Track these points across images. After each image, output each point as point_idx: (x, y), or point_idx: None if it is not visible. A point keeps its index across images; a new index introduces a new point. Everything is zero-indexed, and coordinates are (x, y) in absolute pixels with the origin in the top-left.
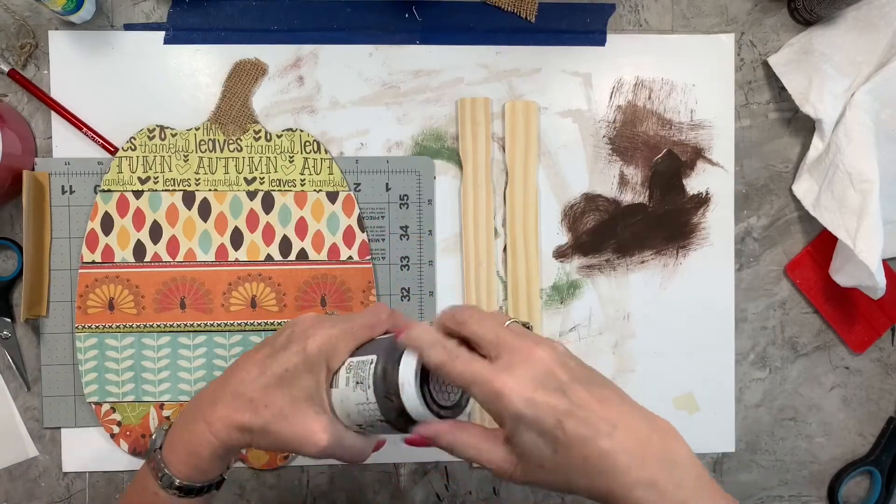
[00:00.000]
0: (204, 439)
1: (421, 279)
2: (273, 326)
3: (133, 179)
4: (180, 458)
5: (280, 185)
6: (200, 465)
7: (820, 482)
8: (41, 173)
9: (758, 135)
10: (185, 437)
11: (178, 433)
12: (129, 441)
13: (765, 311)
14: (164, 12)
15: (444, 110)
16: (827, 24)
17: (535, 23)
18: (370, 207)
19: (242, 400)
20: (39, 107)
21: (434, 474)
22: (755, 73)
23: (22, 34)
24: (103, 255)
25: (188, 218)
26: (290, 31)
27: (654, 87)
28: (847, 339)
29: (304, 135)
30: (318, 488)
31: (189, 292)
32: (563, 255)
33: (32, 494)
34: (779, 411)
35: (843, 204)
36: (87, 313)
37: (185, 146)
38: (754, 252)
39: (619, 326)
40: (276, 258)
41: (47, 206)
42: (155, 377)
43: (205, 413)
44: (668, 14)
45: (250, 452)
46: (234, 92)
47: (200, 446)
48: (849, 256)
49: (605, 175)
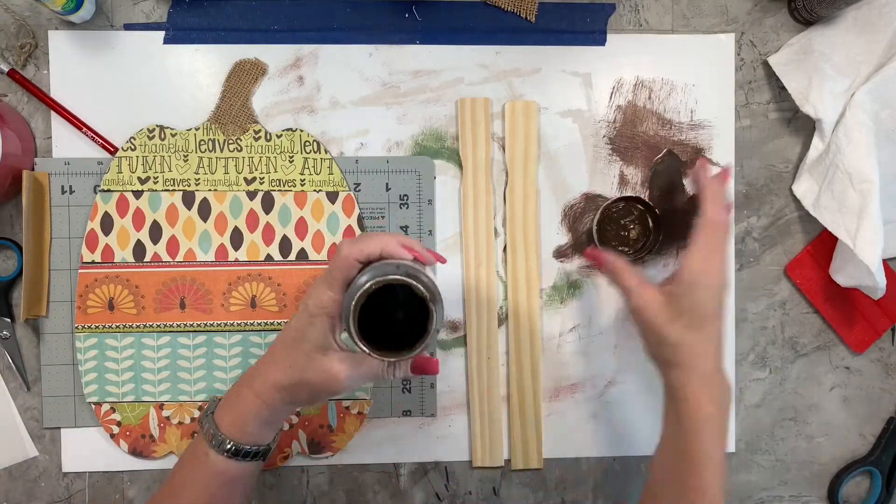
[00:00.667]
0: (250, 401)
1: None
2: (273, 326)
3: (133, 179)
4: (230, 420)
5: (280, 185)
6: (247, 426)
7: (820, 482)
8: (41, 173)
9: (758, 135)
10: (234, 400)
11: (229, 398)
12: (128, 441)
13: (765, 311)
14: (164, 12)
15: (444, 110)
16: (827, 24)
17: (535, 23)
18: (370, 207)
19: (276, 364)
20: (39, 107)
21: (434, 474)
22: (755, 73)
23: (22, 34)
24: (103, 255)
25: (188, 218)
26: (290, 31)
27: (654, 87)
28: (847, 339)
29: (304, 135)
30: (318, 488)
31: (189, 292)
32: (563, 255)
33: (32, 494)
34: (779, 411)
35: (843, 204)
36: (86, 313)
37: (184, 146)
38: (754, 252)
39: (619, 326)
40: (276, 258)
41: (47, 206)
42: (155, 377)
43: (251, 379)
44: (668, 14)
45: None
46: (234, 92)
47: (247, 409)
48: (849, 256)
49: (605, 175)
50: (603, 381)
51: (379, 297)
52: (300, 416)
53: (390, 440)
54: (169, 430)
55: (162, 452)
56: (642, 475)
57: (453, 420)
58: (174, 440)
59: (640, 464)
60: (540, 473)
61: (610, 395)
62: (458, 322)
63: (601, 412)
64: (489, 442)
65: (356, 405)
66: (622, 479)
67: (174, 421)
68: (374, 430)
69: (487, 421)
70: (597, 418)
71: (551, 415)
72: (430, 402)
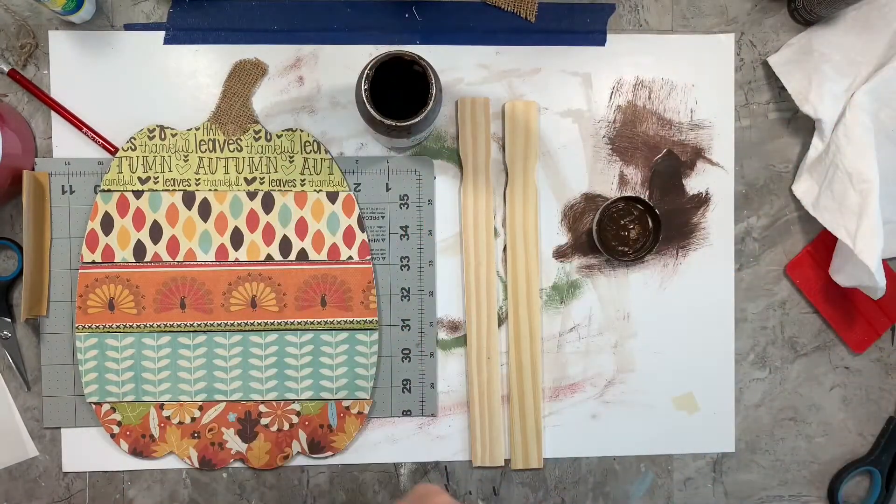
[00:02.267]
0: None
1: (421, 279)
2: (273, 326)
3: (133, 179)
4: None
5: (280, 185)
6: None
7: (820, 482)
8: (41, 173)
9: (758, 135)
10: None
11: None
12: (129, 441)
13: (765, 311)
14: (164, 12)
15: (444, 110)
16: (827, 24)
17: (535, 23)
18: (370, 207)
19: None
20: (39, 107)
21: (434, 474)
22: (755, 73)
23: (22, 34)
24: (103, 255)
25: (188, 218)
26: (290, 31)
27: (653, 88)
28: (847, 339)
29: (304, 135)
30: (318, 488)
31: (189, 292)
32: (563, 255)
33: (32, 494)
34: (779, 411)
35: (842, 204)
36: (87, 313)
37: (185, 146)
38: (754, 252)
39: (619, 326)
40: (277, 258)
41: (47, 206)
42: (155, 377)
43: None
44: (668, 14)
45: (250, 452)
46: (234, 92)
47: None
48: (849, 256)
49: (605, 175)
50: (603, 381)
51: (384, 87)
52: (300, 415)
53: (390, 440)
54: (169, 429)
55: (162, 452)
56: (642, 475)
57: (453, 420)
58: (174, 440)
59: (640, 464)
60: (540, 473)
61: (610, 395)
62: (458, 322)
63: (601, 412)
64: (489, 442)
65: (356, 405)
66: (622, 479)
67: (174, 421)
68: (374, 430)
69: (487, 421)
70: (597, 418)
71: (551, 414)
72: (430, 402)
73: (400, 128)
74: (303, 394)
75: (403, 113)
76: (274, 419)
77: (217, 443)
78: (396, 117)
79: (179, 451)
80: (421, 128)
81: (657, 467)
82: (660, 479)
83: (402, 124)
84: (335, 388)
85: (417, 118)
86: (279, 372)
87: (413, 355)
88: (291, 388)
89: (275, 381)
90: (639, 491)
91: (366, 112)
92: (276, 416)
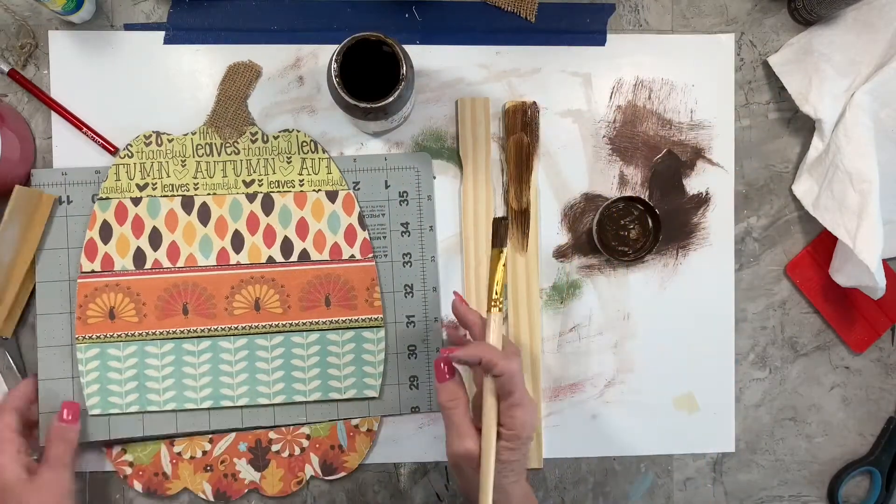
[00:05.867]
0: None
1: (424, 275)
2: (278, 328)
3: (131, 186)
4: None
5: (279, 187)
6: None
7: (820, 482)
8: (47, 196)
9: (758, 135)
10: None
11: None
12: (142, 481)
13: (765, 311)
14: (164, 12)
15: (444, 110)
16: (827, 24)
17: (535, 23)
18: (370, 205)
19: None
20: (39, 107)
21: (434, 474)
22: (755, 73)
23: (22, 34)
24: (103, 263)
25: (188, 223)
26: (290, 31)
27: (653, 88)
28: (847, 339)
29: (301, 135)
30: (317, 488)
31: (191, 298)
32: (563, 255)
33: None
34: (779, 411)
35: (843, 204)
36: (87, 323)
37: (182, 151)
38: (754, 252)
39: (619, 326)
40: (278, 260)
41: (38, 224)
42: (159, 385)
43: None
44: (668, 14)
45: (263, 480)
46: (229, 95)
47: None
48: (849, 256)
49: (604, 175)
50: (603, 381)
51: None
52: (310, 439)
53: (390, 440)
54: (181, 465)
55: (176, 489)
56: (642, 475)
57: None
58: (187, 475)
59: (640, 464)
60: (540, 473)
61: (610, 395)
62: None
63: (601, 412)
64: None
65: (365, 423)
66: (622, 479)
67: (186, 456)
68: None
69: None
70: (597, 418)
71: (551, 414)
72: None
73: (376, 109)
74: (311, 395)
75: (379, 95)
76: (285, 445)
77: (230, 474)
78: (371, 100)
79: (193, 485)
80: (397, 107)
81: (657, 467)
82: (660, 479)
83: (376, 105)
84: (343, 388)
85: (391, 97)
86: (286, 374)
87: (419, 352)
88: (299, 391)
89: (282, 383)
90: (639, 491)
91: (340, 98)
92: (286, 441)
